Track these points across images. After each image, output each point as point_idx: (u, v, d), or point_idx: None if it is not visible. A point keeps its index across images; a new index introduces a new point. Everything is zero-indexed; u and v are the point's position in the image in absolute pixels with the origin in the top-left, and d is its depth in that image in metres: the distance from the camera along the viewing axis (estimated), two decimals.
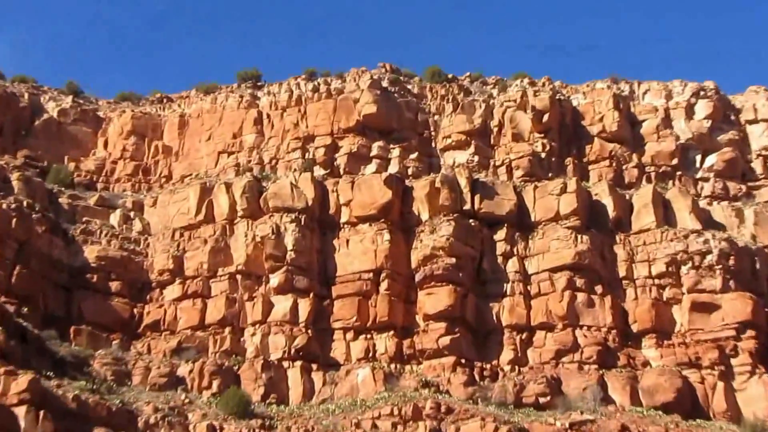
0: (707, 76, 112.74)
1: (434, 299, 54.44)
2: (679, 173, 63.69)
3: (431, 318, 54.26)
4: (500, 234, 57.58)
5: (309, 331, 54.54)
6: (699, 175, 64.30)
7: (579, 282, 55.62)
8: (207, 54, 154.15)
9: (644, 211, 58.74)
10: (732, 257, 56.03)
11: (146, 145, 68.43)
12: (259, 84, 70.43)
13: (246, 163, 64.55)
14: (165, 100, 72.05)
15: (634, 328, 55.26)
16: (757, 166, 64.96)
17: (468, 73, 70.63)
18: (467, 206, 57.62)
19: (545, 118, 64.09)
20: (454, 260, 55.17)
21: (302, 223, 57.02)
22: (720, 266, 55.59)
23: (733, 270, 55.76)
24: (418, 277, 55.63)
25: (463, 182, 58.29)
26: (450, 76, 69.84)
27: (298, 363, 53.45)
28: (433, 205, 57.33)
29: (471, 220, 57.19)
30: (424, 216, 57.56)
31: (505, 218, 58.01)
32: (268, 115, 67.01)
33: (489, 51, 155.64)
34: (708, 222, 59.80)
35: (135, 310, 56.55)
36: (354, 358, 54.36)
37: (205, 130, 67.95)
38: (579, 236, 56.70)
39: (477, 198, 58.02)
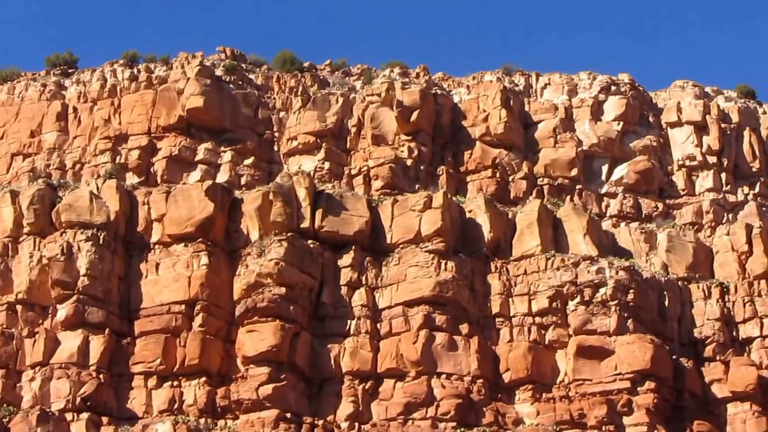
0: (626, 67, 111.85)
1: (256, 338, 55.10)
2: (579, 187, 64.72)
3: (251, 361, 55.03)
4: (346, 259, 58.26)
5: (101, 376, 55.30)
6: (604, 189, 65.31)
7: (439, 319, 56.26)
8: (13, 30, 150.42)
9: (528, 232, 59.51)
10: (632, 291, 56.69)
11: None
12: (70, 71, 71.48)
13: (43, 168, 65.46)
14: None
15: (506, 377, 56.00)
16: (679, 179, 65.83)
17: (329, 60, 72.04)
18: (306, 224, 58.42)
19: (414, 116, 64.86)
20: (284, 290, 55.80)
21: (101, 242, 57.72)
22: (615, 302, 56.24)
23: (631, 307, 56.50)
24: (238, 310, 56.51)
25: (302, 194, 58.91)
26: (307, 64, 71.04)
27: (85, 415, 54.09)
28: (265, 222, 58.16)
29: (310, 242, 57.95)
30: (254, 236, 58.35)
31: (353, 239, 58.75)
32: (75, 109, 67.93)
33: (363, 35, 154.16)
34: (610, 248, 60.85)
35: None
36: (156, 410, 55.23)
37: None
38: (443, 262, 57.35)
39: (319, 214, 58.69)
